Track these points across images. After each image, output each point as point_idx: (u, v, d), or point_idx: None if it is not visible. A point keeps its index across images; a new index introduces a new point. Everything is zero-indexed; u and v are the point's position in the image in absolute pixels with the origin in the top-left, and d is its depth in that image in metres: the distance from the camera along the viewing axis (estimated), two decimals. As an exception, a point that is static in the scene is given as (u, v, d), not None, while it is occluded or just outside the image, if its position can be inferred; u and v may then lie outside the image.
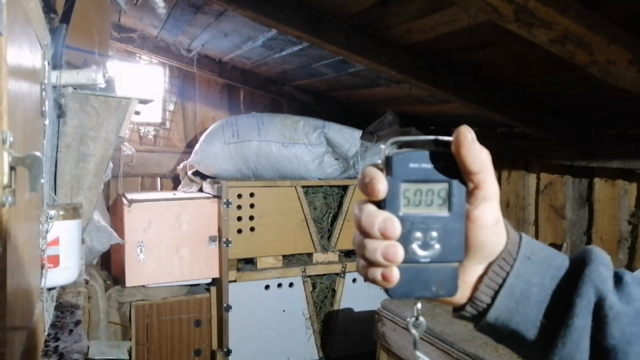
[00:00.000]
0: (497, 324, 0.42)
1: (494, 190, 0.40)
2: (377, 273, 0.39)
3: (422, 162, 0.39)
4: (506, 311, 0.41)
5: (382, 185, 0.38)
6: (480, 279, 0.42)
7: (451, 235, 0.39)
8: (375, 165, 0.40)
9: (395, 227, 0.38)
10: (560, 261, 0.43)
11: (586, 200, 2.13)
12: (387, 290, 0.40)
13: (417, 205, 0.39)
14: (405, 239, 0.39)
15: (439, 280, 0.40)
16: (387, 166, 0.39)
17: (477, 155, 0.38)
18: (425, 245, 0.39)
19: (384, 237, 0.38)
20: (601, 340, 0.40)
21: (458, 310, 0.44)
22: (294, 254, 2.53)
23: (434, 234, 0.39)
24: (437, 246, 0.39)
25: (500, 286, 0.41)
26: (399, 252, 0.38)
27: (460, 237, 0.40)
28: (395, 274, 0.38)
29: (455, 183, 0.39)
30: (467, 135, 0.38)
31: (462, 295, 0.42)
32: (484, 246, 0.41)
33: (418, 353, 0.42)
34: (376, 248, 0.38)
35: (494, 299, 0.42)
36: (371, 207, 0.39)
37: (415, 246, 0.39)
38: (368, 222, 0.38)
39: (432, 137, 0.40)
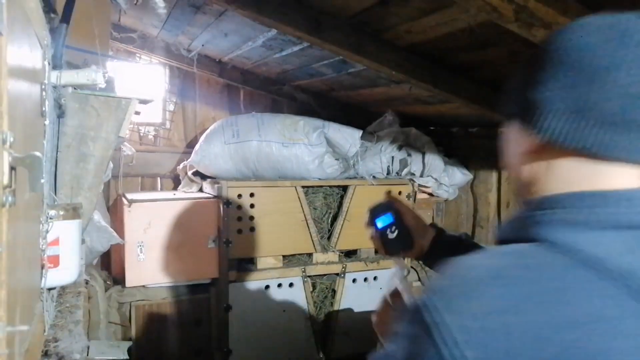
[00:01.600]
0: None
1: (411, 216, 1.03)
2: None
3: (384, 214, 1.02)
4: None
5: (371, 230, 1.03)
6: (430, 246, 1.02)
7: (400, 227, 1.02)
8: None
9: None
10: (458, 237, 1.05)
11: (586, 200, 2.13)
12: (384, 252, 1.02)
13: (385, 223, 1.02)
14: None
15: (402, 244, 1.00)
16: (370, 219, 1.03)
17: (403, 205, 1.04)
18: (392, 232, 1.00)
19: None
20: None
21: (421, 259, 1.04)
22: (294, 254, 2.53)
23: (394, 228, 1.00)
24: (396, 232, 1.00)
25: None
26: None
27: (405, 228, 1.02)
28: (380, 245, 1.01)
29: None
30: (398, 197, 0.84)
31: (419, 251, 1.02)
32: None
33: (396, 280, 0.92)
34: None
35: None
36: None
37: (388, 232, 1.00)
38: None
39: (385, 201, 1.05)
